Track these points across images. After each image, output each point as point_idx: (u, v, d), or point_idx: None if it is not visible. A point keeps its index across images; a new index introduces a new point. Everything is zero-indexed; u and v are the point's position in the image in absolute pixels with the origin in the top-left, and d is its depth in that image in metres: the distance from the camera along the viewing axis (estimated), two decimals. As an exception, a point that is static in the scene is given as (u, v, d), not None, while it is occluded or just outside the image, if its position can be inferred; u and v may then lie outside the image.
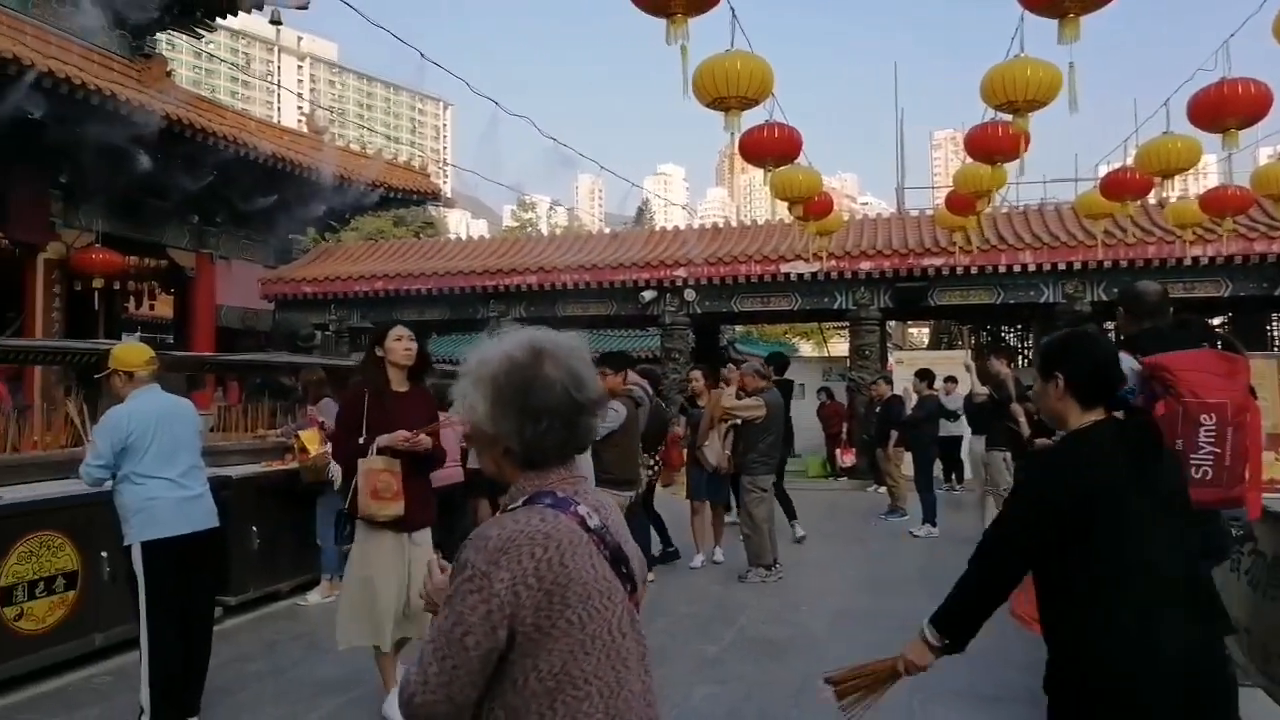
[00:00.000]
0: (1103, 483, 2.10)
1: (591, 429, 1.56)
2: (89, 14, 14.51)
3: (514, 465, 1.54)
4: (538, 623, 1.39)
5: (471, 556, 1.41)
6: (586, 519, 1.49)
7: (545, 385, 1.49)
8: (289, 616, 6.59)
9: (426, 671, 1.39)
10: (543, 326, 1.62)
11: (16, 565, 4.91)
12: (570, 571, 1.41)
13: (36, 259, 13.59)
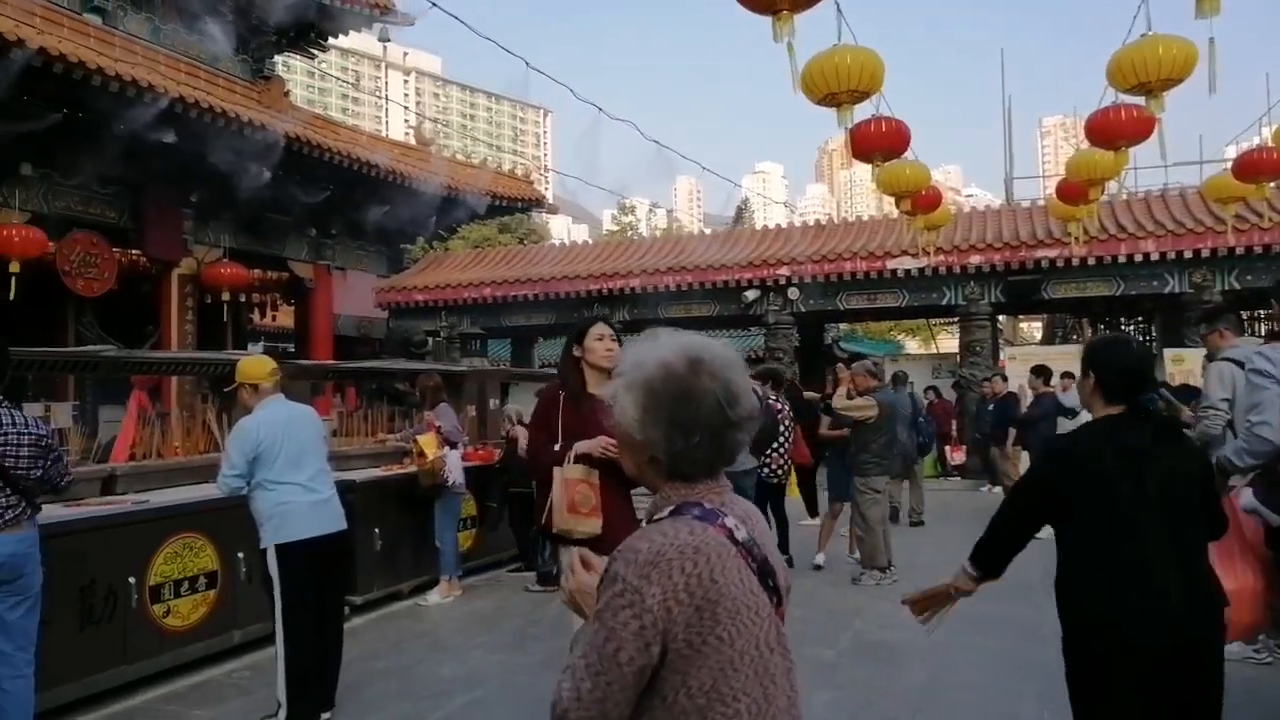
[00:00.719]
0: (1088, 469, 2.60)
1: (741, 445, 1.53)
2: (215, 41, 15.28)
3: (658, 474, 1.53)
4: (689, 639, 1.37)
5: (621, 570, 1.39)
6: (734, 531, 1.47)
7: (699, 399, 1.47)
8: (410, 616, 6.80)
9: (580, 688, 1.37)
10: (698, 333, 1.58)
11: (163, 565, 5.21)
12: (720, 587, 1.39)
13: (171, 275, 14.40)
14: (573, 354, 3.93)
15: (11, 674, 3.78)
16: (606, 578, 1.42)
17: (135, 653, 5.03)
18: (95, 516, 4.97)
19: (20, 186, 12.15)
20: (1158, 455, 2.57)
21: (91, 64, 10.69)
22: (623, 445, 1.57)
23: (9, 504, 3.77)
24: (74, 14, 13.37)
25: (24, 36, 9.90)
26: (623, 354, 1.58)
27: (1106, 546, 2.53)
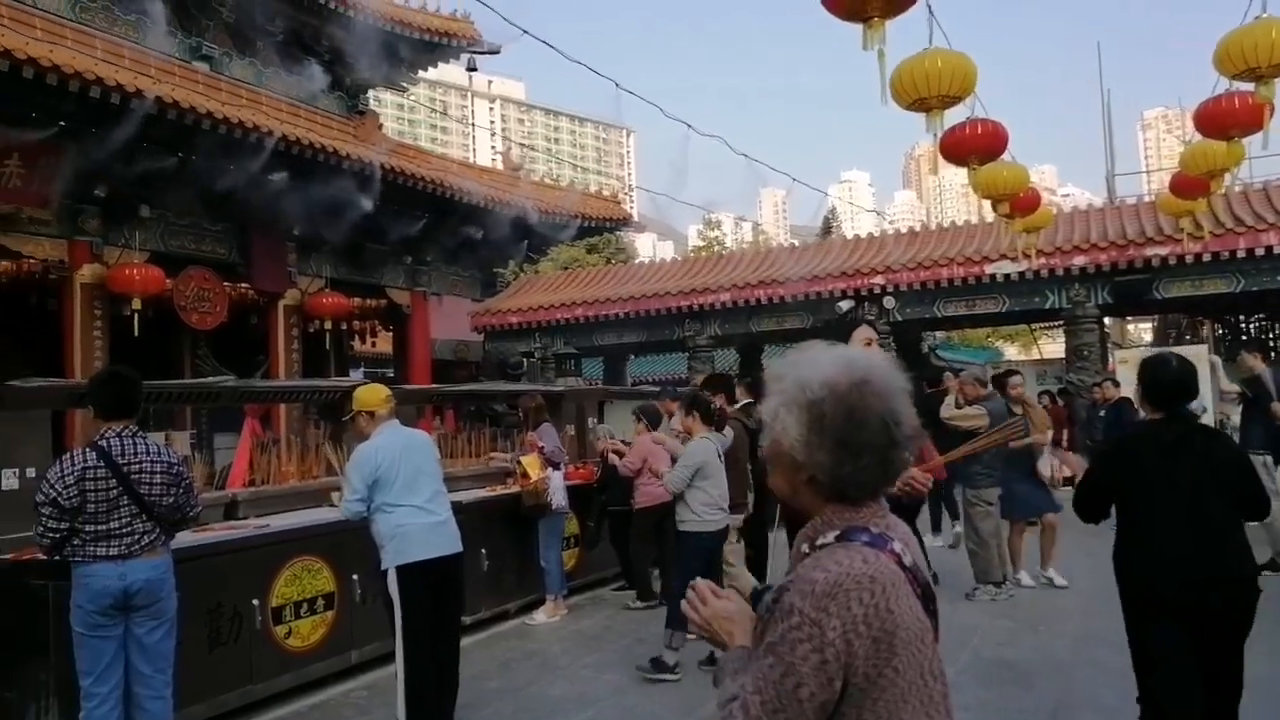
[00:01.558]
0: (1130, 467, 3.32)
1: (905, 464, 1.48)
2: (313, 81, 15.89)
3: (817, 495, 1.47)
4: (867, 672, 1.33)
5: (797, 602, 1.34)
6: (902, 556, 1.42)
7: (867, 419, 1.42)
8: (518, 636, 6.86)
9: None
10: (857, 350, 1.55)
11: (284, 588, 5.37)
12: (896, 617, 1.35)
13: (277, 306, 14.96)
14: None
15: (151, 695, 3.93)
16: (779, 609, 1.38)
17: (260, 673, 5.19)
18: (221, 541, 5.17)
19: (140, 228, 12.81)
20: (1189, 451, 3.27)
21: (202, 109, 11.22)
22: (778, 465, 1.52)
23: (144, 530, 3.94)
24: (184, 62, 14.07)
25: (142, 87, 10.46)
26: (778, 370, 1.53)
27: (1145, 522, 3.29)
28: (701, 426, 5.89)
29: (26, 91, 9.62)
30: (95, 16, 13.24)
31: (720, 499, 5.69)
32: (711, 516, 5.65)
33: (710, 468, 5.65)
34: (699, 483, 5.58)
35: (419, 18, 17.39)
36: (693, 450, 5.71)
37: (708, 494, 5.64)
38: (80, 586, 3.86)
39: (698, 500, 5.62)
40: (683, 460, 5.72)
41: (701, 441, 5.76)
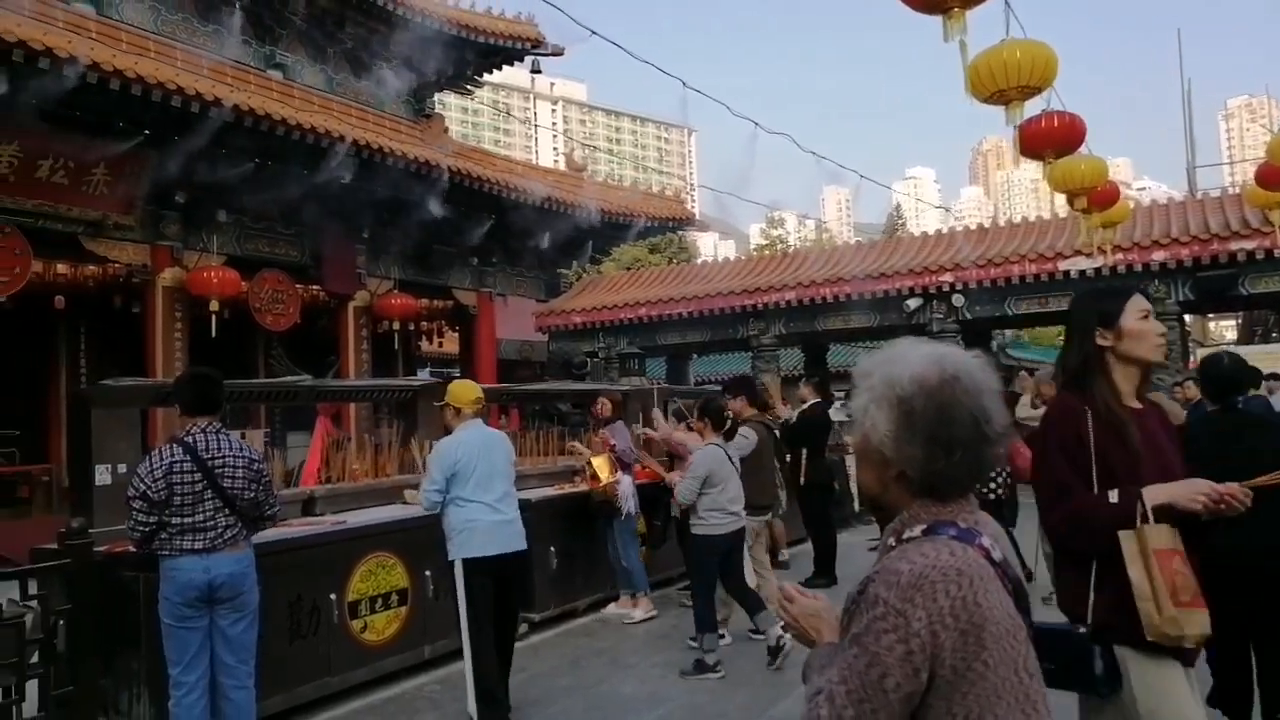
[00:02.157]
0: (1192, 451, 3.15)
1: (996, 460, 1.48)
2: (381, 86, 16.19)
3: (906, 491, 1.48)
4: (955, 665, 1.32)
5: (882, 592, 1.35)
6: (990, 551, 1.41)
7: (958, 415, 1.42)
8: (587, 634, 6.89)
9: (841, 715, 1.33)
10: (948, 343, 1.55)
11: (359, 583, 5.48)
12: (984, 610, 1.33)
13: (348, 307, 15.27)
14: (1095, 343, 2.56)
15: (235, 685, 4.05)
16: (863, 600, 1.38)
17: (337, 665, 5.31)
18: (300, 537, 5.29)
19: (217, 232, 13.19)
20: (1242, 439, 3.59)
21: (276, 116, 11.50)
22: (866, 461, 1.53)
23: (228, 524, 4.06)
24: (259, 71, 14.46)
25: (220, 95, 10.77)
26: (865, 368, 1.54)
27: None
28: (711, 432, 5.97)
29: (113, 102, 9.98)
30: (176, 29, 13.67)
31: (731, 502, 5.76)
32: (721, 520, 5.71)
33: (719, 474, 5.72)
34: (707, 489, 5.68)
35: (484, 21, 17.60)
36: (699, 460, 5.80)
37: (716, 499, 5.70)
38: (167, 579, 4.00)
39: (705, 505, 5.70)
40: (690, 470, 5.82)
41: (709, 449, 5.84)
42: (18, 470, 13.26)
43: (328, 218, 14.21)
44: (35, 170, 10.66)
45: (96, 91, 9.67)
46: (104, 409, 5.00)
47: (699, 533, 5.75)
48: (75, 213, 11.32)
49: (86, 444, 4.94)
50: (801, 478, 8.63)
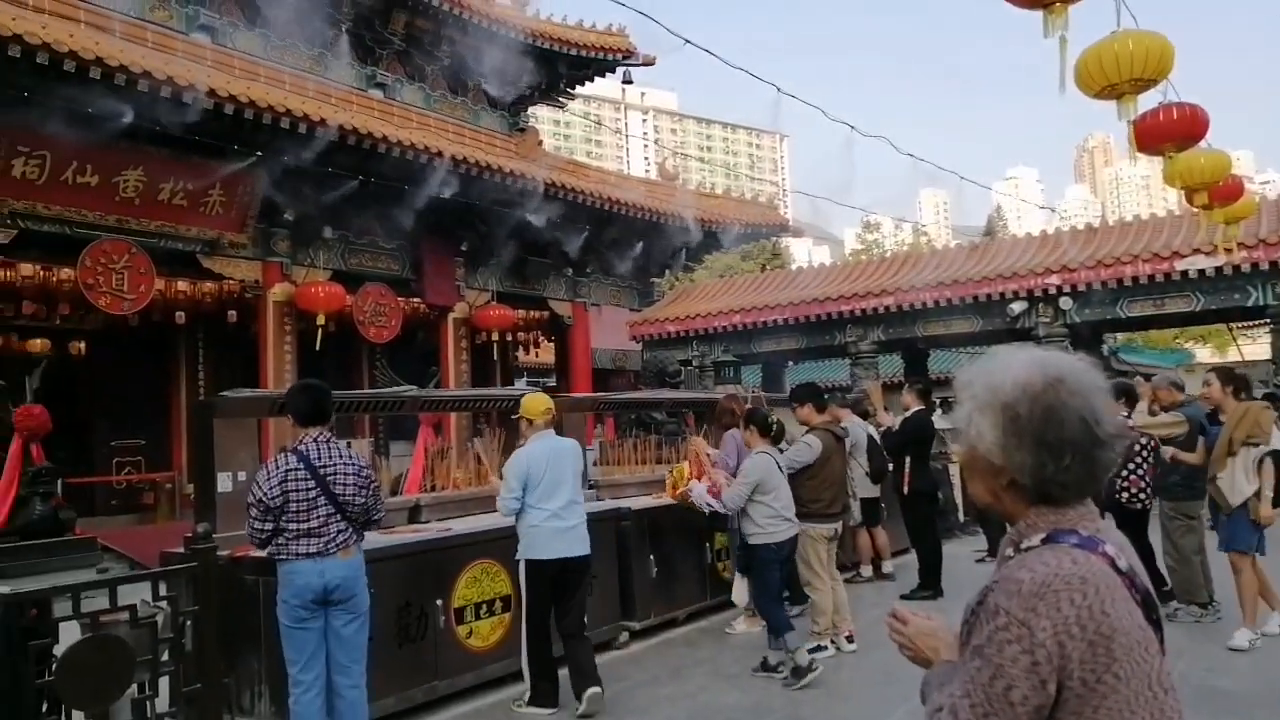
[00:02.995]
0: None
1: (1112, 464, 1.42)
2: (477, 101, 16.56)
3: (1020, 499, 1.44)
4: (1084, 677, 1.27)
5: (1003, 602, 1.31)
6: (1116, 560, 1.36)
7: (1066, 417, 1.38)
8: (688, 643, 6.86)
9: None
10: (1051, 349, 1.51)
11: (465, 590, 5.58)
12: (1113, 620, 1.28)
13: (447, 319, 15.64)
14: None
15: (349, 684, 4.19)
16: (983, 611, 1.34)
17: (444, 670, 5.41)
18: (408, 543, 5.43)
19: (323, 248, 13.69)
20: None
21: (378, 134, 11.88)
22: (975, 471, 1.49)
23: (340, 529, 4.21)
24: (361, 91, 14.95)
25: (325, 116, 11.18)
26: (967, 376, 1.52)
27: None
28: (759, 440, 6.01)
29: (227, 126, 10.45)
30: (284, 54, 14.24)
31: (784, 510, 5.83)
32: (777, 527, 5.79)
33: (769, 482, 5.80)
34: (759, 496, 5.76)
35: (576, 34, 17.83)
36: (749, 467, 5.87)
37: (770, 506, 5.77)
38: (285, 583, 4.17)
39: (760, 513, 5.78)
40: (739, 478, 5.92)
41: (758, 456, 5.90)
42: (143, 478, 13.97)
43: (427, 232, 14.60)
44: (158, 193, 11.24)
45: (213, 116, 10.14)
46: (225, 419, 5.22)
47: (758, 541, 5.83)
48: (194, 232, 11.90)
49: (208, 452, 5.17)
50: (905, 487, 8.43)
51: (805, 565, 6.35)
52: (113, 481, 13.73)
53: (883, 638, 5.87)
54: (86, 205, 10.74)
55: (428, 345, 16.31)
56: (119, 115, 9.36)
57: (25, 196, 10.25)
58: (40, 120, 9.69)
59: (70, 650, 3.92)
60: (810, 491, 6.30)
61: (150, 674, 4.28)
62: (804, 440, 6.50)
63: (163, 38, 11.98)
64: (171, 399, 14.70)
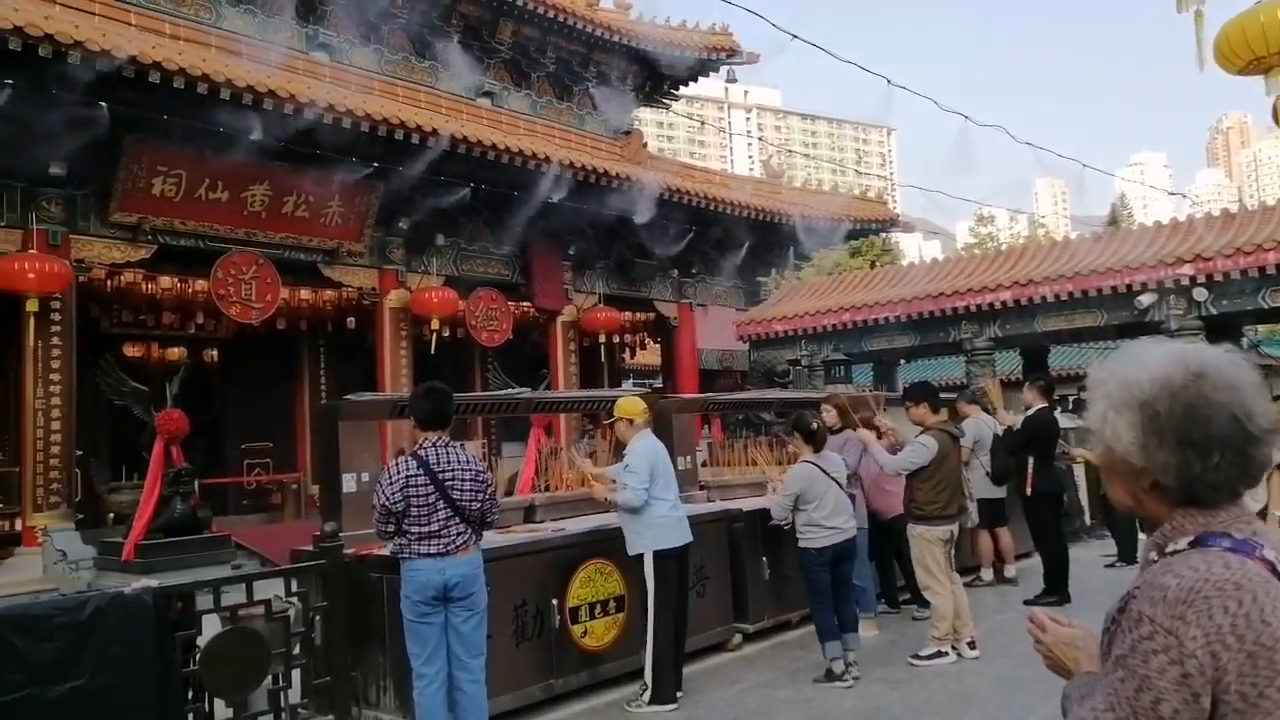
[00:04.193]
0: None
1: (1267, 461, 1.32)
2: (582, 106, 16.75)
3: (1164, 501, 1.35)
4: (1244, 692, 1.18)
5: (1147, 609, 1.23)
6: (1276, 565, 1.26)
7: (1212, 414, 1.29)
8: (801, 646, 6.75)
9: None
10: (1195, 342, 1.41)
11: (579, 589, 5.63)
12: (1274, 630, 1.19)
13: (556, 322, 15.88)
14: None
15: (469, 679, 4.30)
16: (1126, 620, 1.26)
17: (560, 668, 5.48)
18: (524, 543, 5.52)
19: (436, 255, 14.08)
20: None
21: (487, 141, 12.15)
22: (1113, 473, 1.41)
23: (459, 531, 4.32)
24: (469, 100, 15.32)
25: (437, 127, 11.50)
26: (1099, 375, 1.43)
27: None
28: (804, 448, 6.07)
29: (345, 139, 10.86)
30: (396, 68, 14.72)
31: (828, 518, 5.87)
32: (818, 534, 5.86)
33: (811, 491, 5.87)
34: (802, 505, 5.87)
35: (680, 36, 17.85)
36: (790, 480, 5.98)
37: (811, 516, 5.86)
38: (408, 580, 4.31)
39: (802, 521, 5.90)
40: (782, 489, 6.05)
41: (800, 466, 6.00)
42: (271, 479, 14.65)
43: (536, 237, 14.86)
44: (282, 206, 11.77)
45: (332, 131, 10.55)
46: (349, 422, 5.41)
47: (803, 545, 5.95)
48: (315, 243, 12.41)
49: (334, 455, 5.36)
50: (1028, 488, 8.12)
51: (922, 569, 6.20)
52: (243, 482, 14.43)
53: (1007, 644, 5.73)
54: (218, 220, 11.33)
55: (537, 348, 16.59)
56: (247, 133, 9.85)
57: (164, 213, 10.88)
58: (177, 141, 10.29)
59: (213, 642, 4.14)
60: (925, 493, 6.20)
61: (284, 666, 4.47)
62: (919, 441, 6.35)
63: (285, 58, 12.53)
64: (296, 403, 15.36)
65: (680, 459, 7.23)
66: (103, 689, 3.74)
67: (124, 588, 4.00)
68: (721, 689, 5.74)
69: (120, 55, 8.84)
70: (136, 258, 11.01)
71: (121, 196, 10.48)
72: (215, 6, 12.76)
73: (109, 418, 12.03)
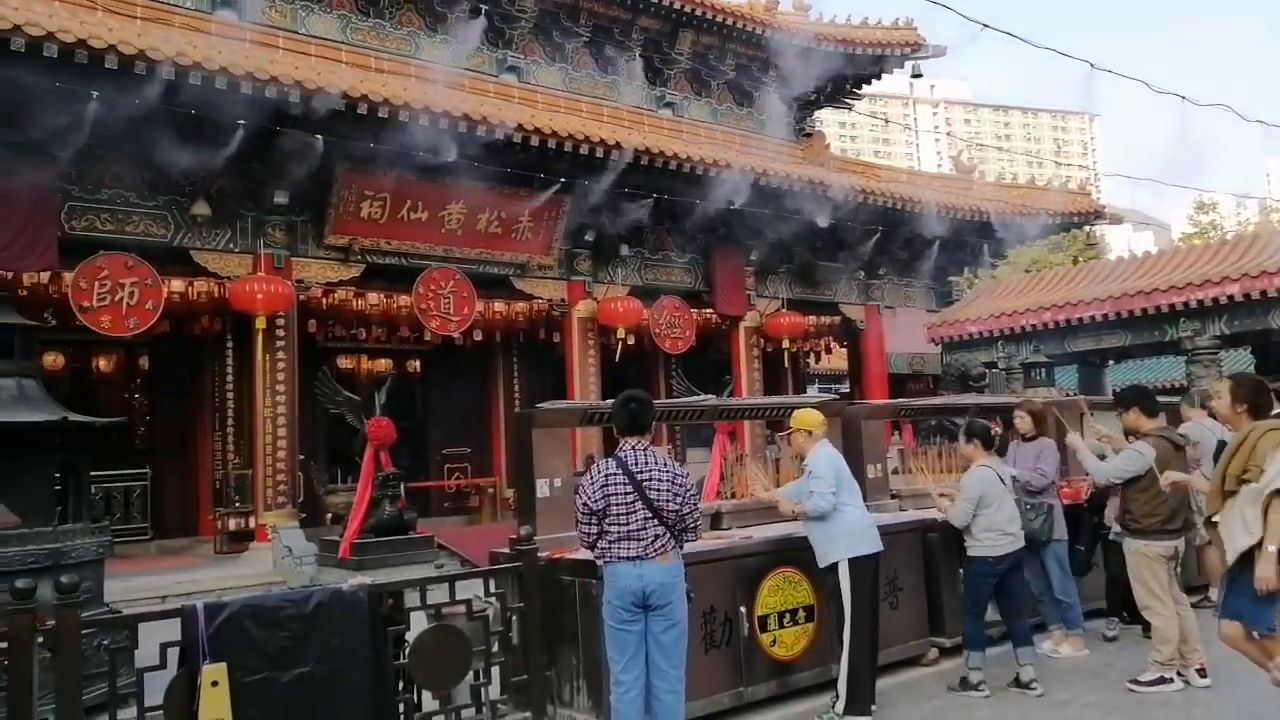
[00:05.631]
0: None
1: None
2: (762, 111, 16.68)
3: None
4: None
5: None
6: None
7: None
8: (1003, 664, 6.38)
9: None
10: None
11: (768, 597, 5.57)
12: None
13: (738, 328, 15.86)
14: None
15: (666, 688, 4.33)
16: None
17: (750, 676, 5.43)
18: (711, 550, 5.51)
19: (621, 265, 14.39)
20: None
21: (669, 152, 12.31)
22: None
23: (657, 534, 4.36)
24: (651, 111, 15.58)
25: (620, 140, 11.77)
26: None
27: None
28: (982, 453, 5.95)
29: (534, 157, 11.30)
30: (581, 84, 15.19)
31: (1007, 523, 5.75)
32: (996, 542, 5.72)
33: (989, 496, 5.76)
34: (981, 509, 5.74)
35: (861, 33, 17.46)
36: (970, 483, 5.83)
37: (992, 519, 5.72)
38: (608, 585, 4.40)
39: (981, 526, 5.74)
40: (962, 494, 5.87)
41: (979, 470, 5.87)
42: (469, 483, 15.40)
43: (718, 243, 14.93)
44: (476, 224, 12.38)
45: (521, 149, 11.01)
46: (543, 429, 5.60)
47: (974, 554, 5.81)
48: (507, 257, 12.98)
49: (528, 461, 5.56)
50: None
51: (1143, 587, 5.73)
52: (444, 485, 15.24)
53: (1244, 674, 5.18)
54: (418, 238, 12.06)
55: (720, 354, 16.62)
56: (444, 155, 10.44)
57: (371, 234, 11.70)
58: (381, 167, 11.04)
59: (420, 637, 4.39)
60: (1142, 505, 5.74)
61: (484, 663, 4.67)
62: (1133, 448, 5.89)
63: (478, 82, 13.21)
64: (491, 410, 16.08)
65: (870, 467, 7.04)
66: (326, 676, 4.04)
67: (342, 585, 4.30)
68: (917, 705, 5.52)
69: (333, 91, 9.58)
70: (348, 276, 11.89)
71: (335, 220, 11.34)
72: (415, 39, 13.61)
73: (325, 425, 13.05)
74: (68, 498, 6.33)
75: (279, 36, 11.78)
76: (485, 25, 13.56)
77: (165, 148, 9.33)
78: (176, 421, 13.14)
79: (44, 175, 9.39)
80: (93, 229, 10.09)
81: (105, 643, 4.94)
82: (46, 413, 6.14)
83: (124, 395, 13.06)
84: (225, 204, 10.74)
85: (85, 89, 8.49)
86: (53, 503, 6.16)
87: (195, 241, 10.72)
